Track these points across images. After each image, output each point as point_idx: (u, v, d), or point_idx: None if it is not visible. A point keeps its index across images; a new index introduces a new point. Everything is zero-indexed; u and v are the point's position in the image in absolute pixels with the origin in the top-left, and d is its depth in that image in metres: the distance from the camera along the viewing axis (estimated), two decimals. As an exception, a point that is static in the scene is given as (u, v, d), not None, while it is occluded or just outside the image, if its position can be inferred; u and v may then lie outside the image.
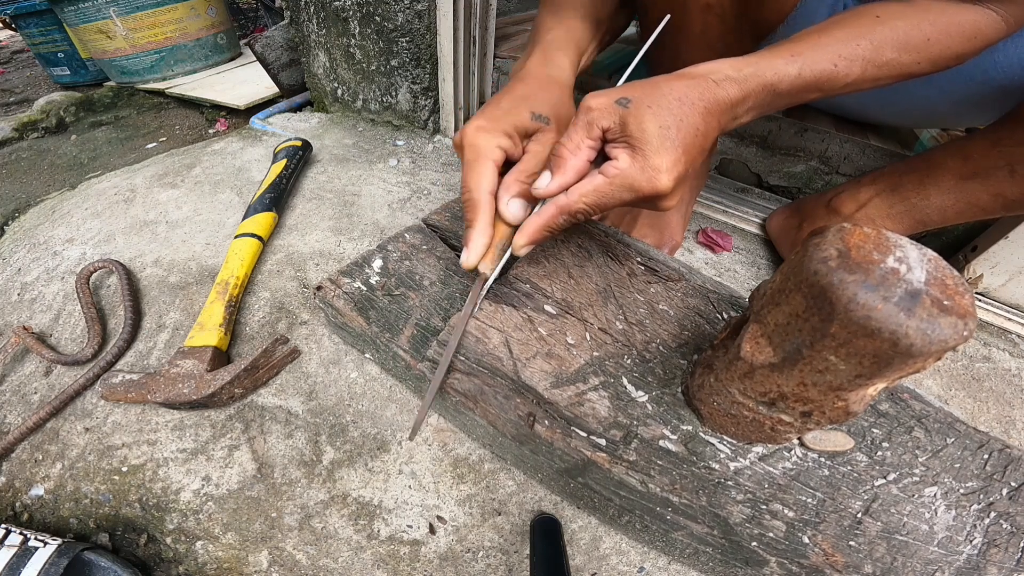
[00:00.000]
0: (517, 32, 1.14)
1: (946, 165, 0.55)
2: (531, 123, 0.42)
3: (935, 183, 0.56)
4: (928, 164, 0.57)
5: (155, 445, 0.51)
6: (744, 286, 0.68)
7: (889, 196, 0.59)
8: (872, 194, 0.61)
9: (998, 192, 0.51)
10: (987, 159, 0.51)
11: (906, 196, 0.58)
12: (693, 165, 0.35)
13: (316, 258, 0.69)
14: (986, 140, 0.52)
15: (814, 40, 0.39)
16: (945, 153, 0.56)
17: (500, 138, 0.41)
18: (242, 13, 2.11)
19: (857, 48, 0.38)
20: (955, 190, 0.54)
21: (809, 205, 0.68)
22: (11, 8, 1.46)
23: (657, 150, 0.32)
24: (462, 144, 0.41)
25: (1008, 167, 0.49)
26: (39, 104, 1.26)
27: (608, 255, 0.50)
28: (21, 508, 0.49)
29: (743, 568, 0.36)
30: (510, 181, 0.40)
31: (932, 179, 0.56)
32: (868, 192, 0.61)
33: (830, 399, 0.28)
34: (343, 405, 0.53)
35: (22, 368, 0.59)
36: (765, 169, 0.82)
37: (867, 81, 0.39)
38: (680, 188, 0.35)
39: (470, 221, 0.40)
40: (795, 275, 0.26)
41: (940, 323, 0.21)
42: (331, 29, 0.95)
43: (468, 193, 0.40)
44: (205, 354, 0.52)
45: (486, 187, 0.40)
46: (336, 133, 1.03)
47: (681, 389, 0.40)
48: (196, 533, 0.46)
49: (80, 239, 0.74)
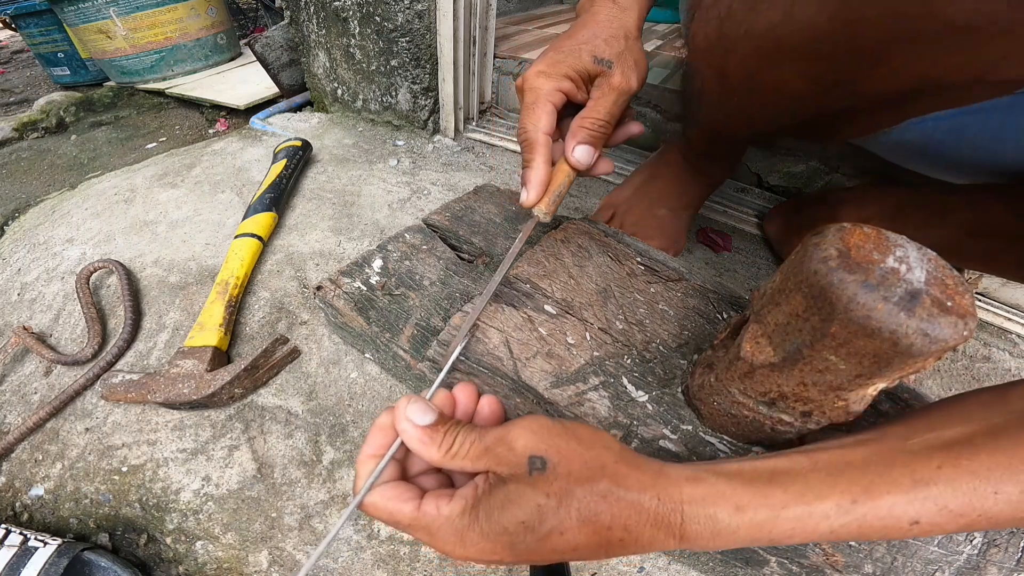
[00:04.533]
0: (517, 32, 1.14)
1: (958, 215, 0.52)
2: (593, 66, 0.40)
3: (939, 228, 0.54)
4: (940, 207, 0.55)
5: (155, 445, 0.51)
6: (744, 286, 0.68)
7: (891, 221, 0.58)
8: (875, 211, 0.60)
9: (1000, 258, 0.50)
10: (1000, 223, 0.48)
11: (907, 228, 0.56)
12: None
13: (316, 258, 0.69)
14: (1004, 203, 0.48)
15: (919, 471, 0.24)
16: (960, 202, 0.53)
17: (560, 81, 0.40)
18: (242, 13, 2.11)
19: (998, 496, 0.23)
20: (958, 239, 0.52)
21: (810, 209, 0.68)
22: (11, 8, 1.46)
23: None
24: (522, 87, 0.41)
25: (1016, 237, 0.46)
26: (39, 104, 1.26)
27: (608, 255, 0.50)
28: (21, 508, 0.49)
29: (743, 568, 0.36)
30: (575, 127, 0.40)
31: (938, 223, 0.54)
32: (872, 208, 0.61)
33: (830, 399, 0.28)
34: (343, 405, 0.53)
35: (22, 368, 0.59)
36: (765, 169, 0.82)
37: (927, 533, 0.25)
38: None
39: (528, 160, 0.40)
40: (795, 275, 0.26)
41: (940, 323, 0.21)
42: (331, 29, 0.95)
43: (525, 133, 0.40)
44: (205, 354, 0.52)
45: (543, 127, 0.40)
46: (336, 133, 1.02)
47: (681, 389, 0.40)
48: (196, 533, 0.46)
49: (80, 239, 0.74)
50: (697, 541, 0.25)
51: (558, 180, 0.41)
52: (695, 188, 0.68)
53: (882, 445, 0.27)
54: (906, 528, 0.24)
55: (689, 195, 0.68)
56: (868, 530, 0.24)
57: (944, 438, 0.26)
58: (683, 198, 0.68)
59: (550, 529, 0.24)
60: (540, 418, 0.28)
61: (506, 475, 0.26)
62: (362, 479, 0.29)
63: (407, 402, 0.29)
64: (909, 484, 0.24)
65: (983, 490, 0.23)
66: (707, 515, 0.25)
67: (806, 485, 0.25)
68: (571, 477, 0.25)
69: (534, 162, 0.40)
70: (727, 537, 0.25)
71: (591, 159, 0.41)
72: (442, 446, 0.28)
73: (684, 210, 0.68)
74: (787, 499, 0.25)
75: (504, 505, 0.25)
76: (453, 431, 0.28)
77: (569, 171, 0.42)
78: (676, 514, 0.25)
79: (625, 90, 0.40)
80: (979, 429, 0.26)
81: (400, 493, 0.28)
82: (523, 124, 0.41)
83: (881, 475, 0.25)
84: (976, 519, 0.24)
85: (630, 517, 0.24)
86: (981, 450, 0.24)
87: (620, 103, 0.41)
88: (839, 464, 0.26)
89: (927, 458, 0.25)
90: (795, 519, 0.24)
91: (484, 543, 0.25)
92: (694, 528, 0.24)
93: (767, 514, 0.24)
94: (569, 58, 0.40)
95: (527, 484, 0.25)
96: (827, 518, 0.24)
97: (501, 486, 0.26)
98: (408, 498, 0.27)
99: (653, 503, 0.25)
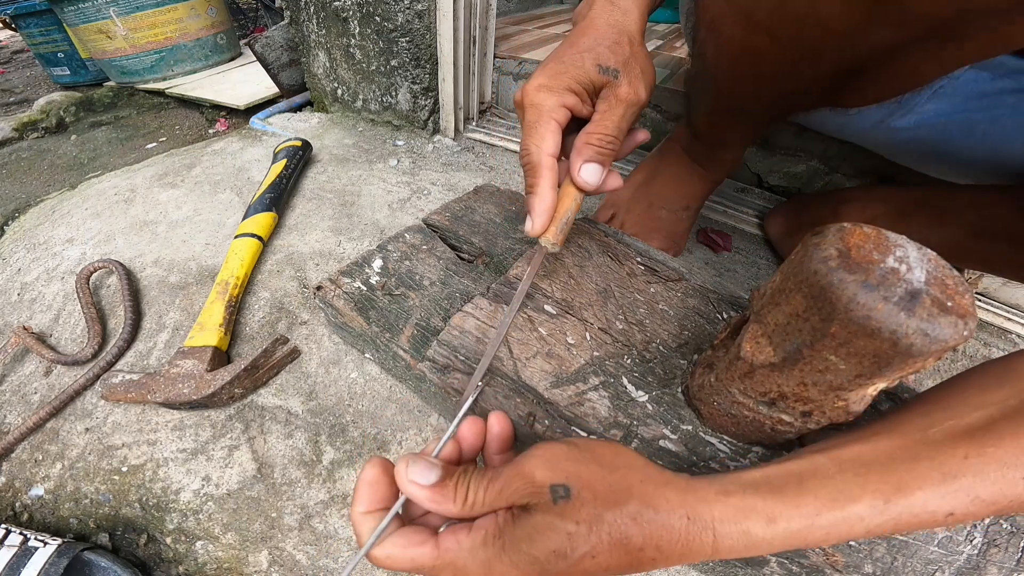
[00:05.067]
0: (517, 32, 1.14)
1: (962, 216, 0.52)
2: (598, 76, 0.37)
3: (944, 229, 0.53)
4: (944, 209, 0.54)
5: (155, 445, 0.51)
6: (744, 286, 0.68)
7: (895, 222, 0.58)
8: (880, 213, 0.60)
9: (1004, 260, 0.50)
10: (1005, 224, 0.48)
11: (911, 229, 0.55)
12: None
13: (316, 258, 0.69)
14: (1009, 204, 0.48)
15: (947, 463, 0.24)
16: (964, 203, 0.53)
17: (564, 95, 0.37)
18: (242, 13, 2.11)
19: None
20: (963, 241, 0.52)
21: (812, 208, 0.68)
22: (11, 8, 1.46)
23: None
24: (523, 103, 0.38)
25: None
26: (39, 104, 1.26)
27: (608, 255, 0.50)
28: (21, 508, 0.49)
29: (743, 568, 0.36)
30: (581, 144, 0.37)
31: (943, 224, 0.54)
32: (876, 210, 0.60)
33: (830, 399, 0.28)
34: (343, 405, 0.53)
35: (22, 368, 0.59)
36: (765, 169, 0.82)
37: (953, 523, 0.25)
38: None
39: (531, 186, 0.37)
40: (795, 275, 0.26)
41: (940, 323, 0.21)
42: (331, 29, 0.95)
43: (528, 156, 0.37)
44: (205, 354, 0.52)
45: (548, 149, 0.36)
46: (336, 133, 1.03)
47: (681, 389, 0.40)
48: (196, 533, 0.46)
49: (80, 239, 0.74)
50: (731, 555, 0.24)
51: (564, 205, 0.38)
52: (696, 187, 0.68)
53: (905, 438, 0.27)
54: (941, 520, 0.24)
55: (690, 195, 0.68)
56: (904, 527, 0.24)
57: (964, 425, 0.26)
58: (684, 198, 0.68)
59: (583, 555, 0.24)
60: (552, 446, 0.27)
61: (530, 505, 0.25)
62: (364, 536, 0.28)
63: (407, 464, 0.28)
64: (939, 478, 0.24)
65: (1011, 476, 0.23)
66: (740, 531, 0.24)
67: (836, 488, 0.25)
68: (598, 502, 0.24)
69: (538, 187, 0.37)
70: (762, 549, 0.24)
71: (600, 179, 0.37)
72: (456, 500, 0.27)
73: (685, 210, 0.68)
74: (819, 505, 0.24)
75: (532, 536, 0.24)
76: (464, 482, 0.27)
77: (576, 194, 0.38)
78: (708, 532, 0.24)
79: (634, 101, 0.37)
80: (997, 414, 0.25)
81: (413, 539, 0.27)
82: (525, 146, 0.37)
83: (910, 471, 0.25)
84: (1008, 504, 0.24)
85: (662, 538, 0.24)
86: (1004, 436, 0.24)
87: (629, 116, 0.38)
88: (865, 462, 0.26)
89: (952, 448, 0.25)
90: (830, 525, 0.24)
91: (514, 572, 0.24)
92: (727, 544, 0.24)
93: (801, 523, 0.24)
94: (571, 69, 0.37)
95: (554, 514, 0.24)
96: (862, 520, 0.24)
97: (526, 517, 0.25)
98: (423, 540, 0.26)
99: (683, 523, 0.24)
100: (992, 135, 0.47)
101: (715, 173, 0.67)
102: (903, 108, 0.48)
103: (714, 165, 0.66)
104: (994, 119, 0.46)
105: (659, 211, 0.68)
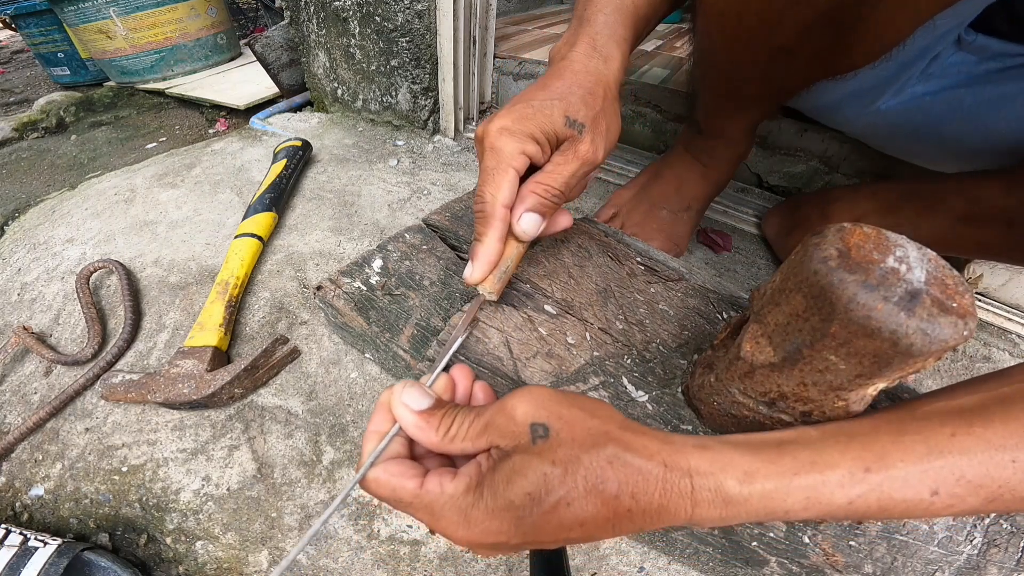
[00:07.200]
0: (517, 32, 1.14)
1: (949, 203, 0.52)
2: (563, 129, 0.36)
3: (932, 218, 0.54)
4: (931, 198, 0.54)
5: (155, 445, 0.51)
6: (744, 286, 0.68)
7: (883, 217, 0.58)
8: (868, 209, 0.60)
9: (994, 243, 0.50)
10: (992, 205, 0.48)
11: (900, 222, 0.56)
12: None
13: (316, 258, 0.69)
14: (997, 182, 0.48)
15: (932, 438, 0.24)
16: (950, 190, 0.53)
17: (526, 143, 0.36)
18: (242, 13, 2.11)
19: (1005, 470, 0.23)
20: (953, 228, 0.52)
21: (804, 209, 0.68)
22: (11, 8, 1.46)
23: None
24: (483, 144, 0.37)
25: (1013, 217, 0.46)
26: (39, 104, 1.26)
27: (608, 255, 0.50)
28: (21, 508, 0.49)
29: (743, 568, 0.36)
30: (526, 192, 0.36)
31: (931, 213, 0.54)
32: (865, 206, 0.60)
33: (830, 399, 0.28)
34: (343, 405, 0.53)
35: (22, 368, 0.59)
36: (765, 169, 0.82)
37: (958, 513, 0.25)
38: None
39: (479, 234, 0.37)
40: (795, 275, 0.26)
41: (940, 323, 0.21)
42: (331, 29, 0.95)
43: (482, 204, 0.36)
44: (205, 354, 0.52)
45: (502, 199, 0.35)
46: (336, 133, 1.03)
47: (681, 389, 0.40)
48: (196, 533, 0.46)
49: (80, 239, 0.74)
50: (707, 513, 0.24)
51: (506, 254, 0.37)
52: (698, 188, 0.68)
53: (891, 415, 0.27)
54: (927, 500, 0.23)
55: (691, 195, 0.68)
56: (888, 503, 0.23)
57: (953, 406, 0.25)
58: (685, 199, 0.68)
59: (557, 500, 0.23)
60: (538, 388, 0.27)
61: (509, 448, 0.25)
62: (366, 454, 0.28)
63: (403, 387, 0.28)
64: (923, 451, 0.23)
65: (999, 458, 0.23)
66: (715, 484, 0.24)
67: (816, 452, 0.24)
68: (575, 443, 0.24)
69: (486, 237, 0.36)
70: (737, 508, 0.24)
71: (537, 230, 0.37)
72: (439, 430, 0.27)
73: (686, 211, 0.68)
74: (797, 466, 0.24)
75: (509, 478, 0.24)
76: (451, 414, 0.28)
77: (517, 244, 0.38)
78: (685, 481, 0.23)
79: (590, 161, 0.37)
80: (988, 398, 0.25)
81: (404, 470, 0.27)
82: (480, 193, 0.36)
83: (893, 442, 0.24)
84: (997, 491, 0.23)
85: (637, 484, 0.23)
86: (994, 418, 0.24)
87: (580, 174, 0.37)
88: (848, 433, 0.26)
89: (939, 425, 0.24)
90: (808, 487, 0.23)
91: (489, 521, 0.24)
92: (704, 497, 0.23)
93: (777, 482, 0.24)
94: (538, 115, 0.36)
95: (532, 453, 0.24)
96: (841, 487, 0.23)
97: (505, 460, 0.25)
98: (411, 475, 0.26)
99: (660, 470, 0.24)
100: (978, 112, 0.48)
101: (716, 172, 0.67)
102: (892, 88, 0.50)
103: (715, 161, 0.66)
104: (978, 95, 0.47)
105: (660, 212, 0.68)
